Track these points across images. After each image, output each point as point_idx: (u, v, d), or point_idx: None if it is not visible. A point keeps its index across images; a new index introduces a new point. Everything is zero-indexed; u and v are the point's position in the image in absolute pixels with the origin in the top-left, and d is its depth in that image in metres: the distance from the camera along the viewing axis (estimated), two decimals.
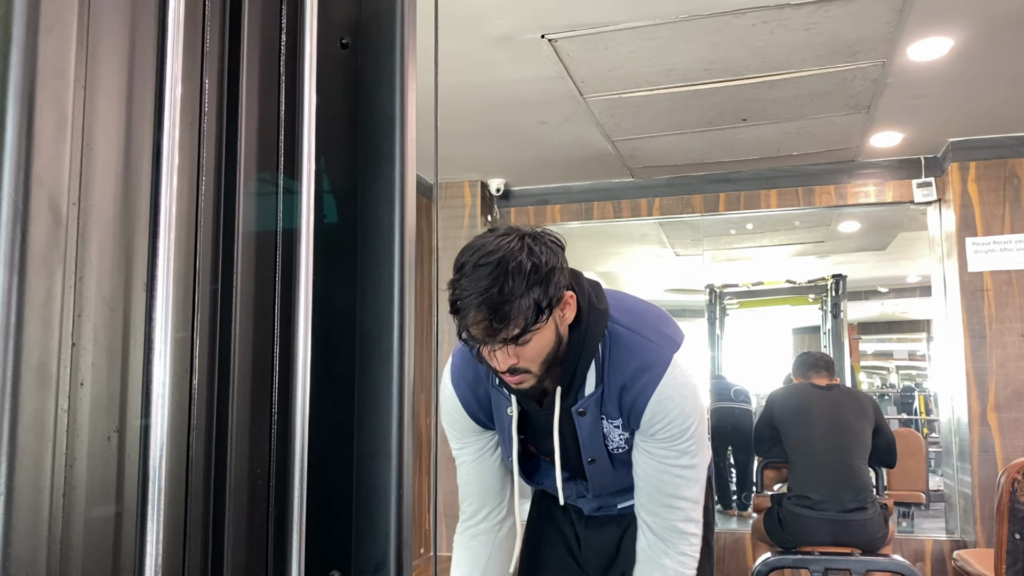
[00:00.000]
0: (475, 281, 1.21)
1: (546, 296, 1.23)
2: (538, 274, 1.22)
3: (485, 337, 1.23)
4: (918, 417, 9.93)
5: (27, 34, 0.47)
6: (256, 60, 0.83)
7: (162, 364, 0.62)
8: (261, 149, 0.83)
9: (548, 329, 1.27)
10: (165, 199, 0.63)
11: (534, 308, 1.21)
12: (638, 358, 1.34)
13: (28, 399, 0.46)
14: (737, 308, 9.12)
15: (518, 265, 1.21)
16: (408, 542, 0.85)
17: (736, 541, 4.55)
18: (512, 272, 1.20)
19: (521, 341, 1.24)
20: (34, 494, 0.46)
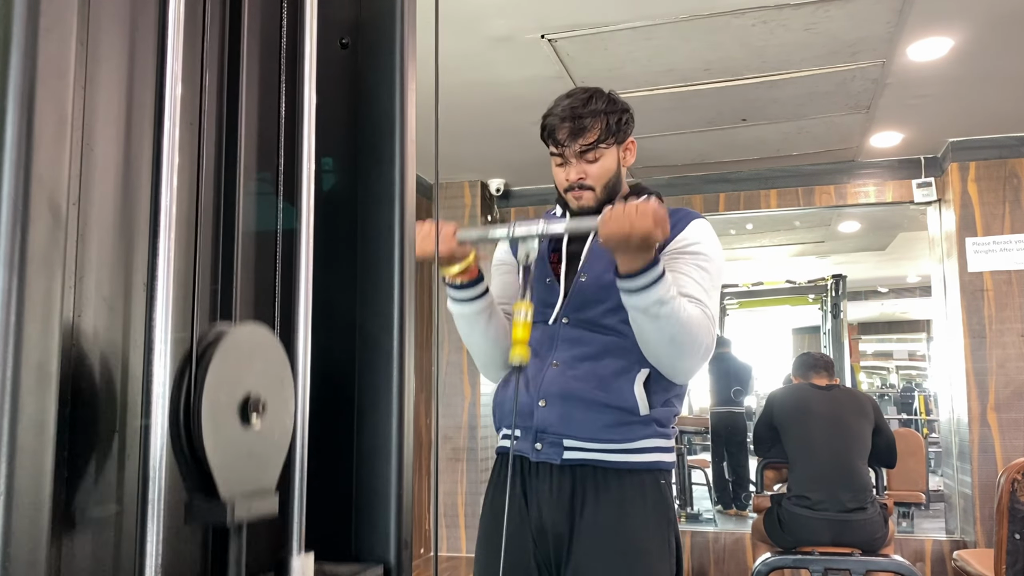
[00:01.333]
0: (567, 98, 1.58)
1: (618, 124, 1.57)
2: (615, 106, 1.58)
3: (567, 140, 1.54)
4: (918, 417, 9.94)
5: (27, 34, 0.47)
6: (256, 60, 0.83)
7: (162, 364, 0.62)
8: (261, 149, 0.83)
9: (612, 157, 1.58)
10: (165, 199, 0.63)
11: (607, 126, 1.55)
12: (683, 210, 1.62)
13: (28, 399, 0.46)
14: (737, 308, 9.13)
15: (601, 94, 1.58)
16: (408, 542, 0.85)
17: (736, 541, 4.55)
18: (596, 97, 1.57)
19: (592, 157, 1.55)
20: (34, 494, 0.46)
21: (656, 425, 1.51)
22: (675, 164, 4.63)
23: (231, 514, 0.65)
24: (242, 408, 0.68)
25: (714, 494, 6.54)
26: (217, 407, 0.65)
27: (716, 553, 4.55)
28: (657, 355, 1.48)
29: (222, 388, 0.66)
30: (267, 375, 0.72)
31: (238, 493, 0.66)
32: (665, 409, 1.53)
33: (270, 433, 0.71)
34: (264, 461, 0.70)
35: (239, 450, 0.67)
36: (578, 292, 1.57)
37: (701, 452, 8.59)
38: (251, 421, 0.68)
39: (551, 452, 1.52)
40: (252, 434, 0.69)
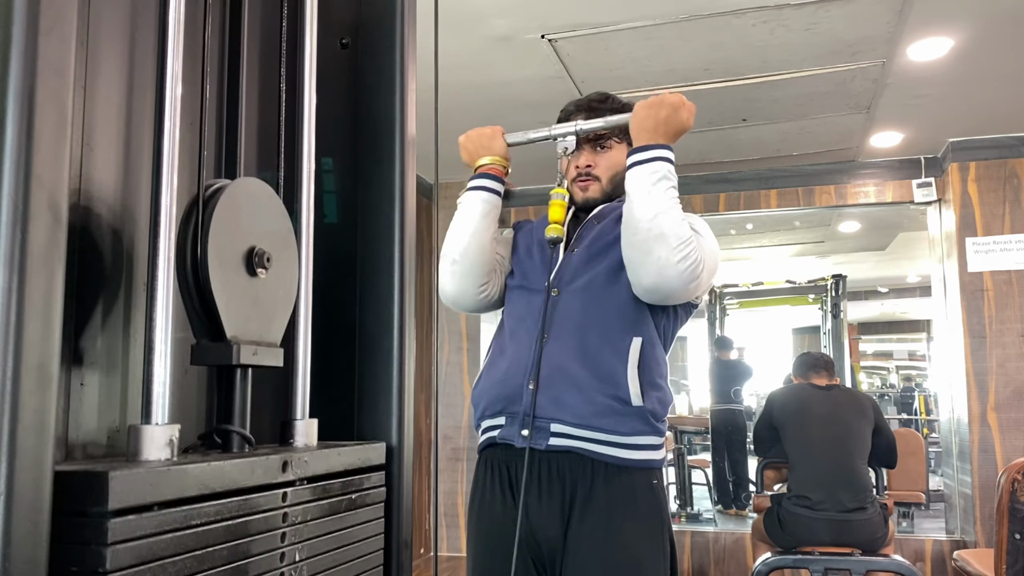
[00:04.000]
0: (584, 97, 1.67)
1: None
2: (629, 107, 1.58)
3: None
4: (918, 417, 9.94)
5: (27, 34, 0.47)
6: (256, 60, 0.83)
7: (162, 364, 0.62)
8: (261, 149, 0.83)
9: (621, 153, 1.60)
10: (165, 199, 0.63)
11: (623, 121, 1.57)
12: None
13: (28, 399, 0.46)
14: (737, 308, 9.12)
15: (616, 97, 1.67)
16: (408, 542, 0.85)
17: (736, 541, 4.55)
18: (612, 97, 1.66)
19: (603, 145, 1.61)
20: (34, 494, 0.46)
21: (650, 418, 1.46)
22: (675, 164, 4.64)
23: (237, 355, 0.66)
24: (247, 259, 0.69)
25: (714, 494, 6.54)
26: (223, 254, 0.66)
27: (716, 553, 4.55)
28: (636, 231, 1.43)
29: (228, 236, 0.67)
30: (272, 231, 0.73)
31: (244, 338, 0.67)
32: (657, 396, 1.48)
33: (275, 287, 0.72)
34: (270, 313, 0.71)
35: (245, 297, 0.68)
36: (567, 263, 1.57)
37: (701, 452, 8.59)
38: (257, 273, 0.69)
39: (537, 437, 1.47)
40: (258, 284, 0.70)
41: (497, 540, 1.49)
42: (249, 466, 0.62)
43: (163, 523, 0.53)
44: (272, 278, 0.71)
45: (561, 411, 1.46)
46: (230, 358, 0.66)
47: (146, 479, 0.52)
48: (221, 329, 0.65)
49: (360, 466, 0.78)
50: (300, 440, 0.75)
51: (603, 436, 1.45)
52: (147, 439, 0.58)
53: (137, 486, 0.51)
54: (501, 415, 1.53)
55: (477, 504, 1.57)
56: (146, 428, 0.59)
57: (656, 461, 1.50)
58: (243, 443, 0.68)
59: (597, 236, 1.59)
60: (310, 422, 0.77)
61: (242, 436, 0.68)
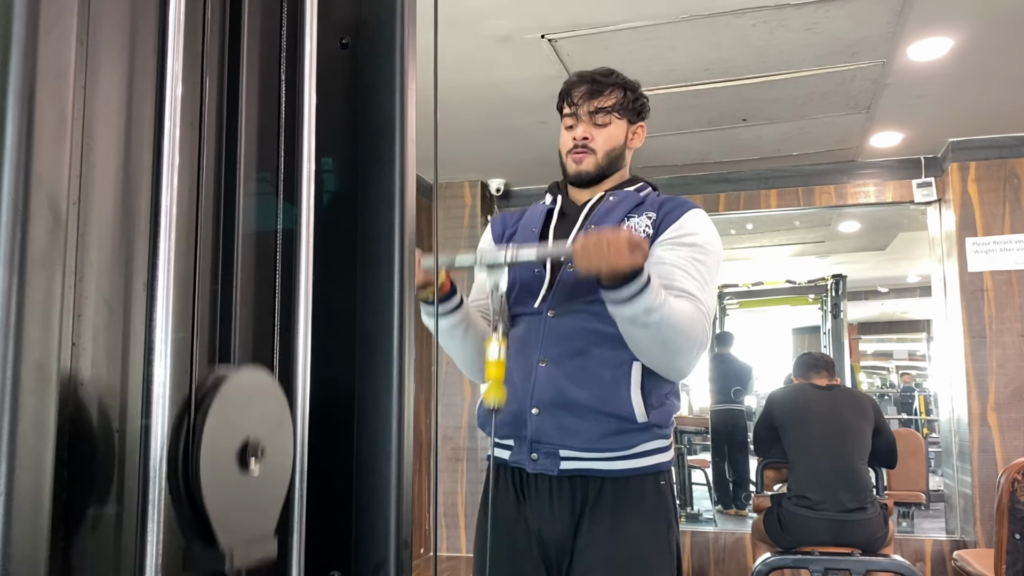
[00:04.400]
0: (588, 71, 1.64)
1: (634, 102, 1.62)
2: (633, 85, 1.63)
3: (581, 99, 1.58)
4: (918, 417, 9.94)
5: (27, 34, 0.47)
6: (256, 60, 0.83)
7: (162, 364, 0.62)
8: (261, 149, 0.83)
9: (621, 130, 1.61)
10: (165, 199, 0.63)
11: (623, 98, 1.60)
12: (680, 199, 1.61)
13: (28, 399, 0.46)
14: (737, 308, 9.12)
15: (622, 75, 1.64)
16: (408, 542, 0.85)
17: (736, 541, 4.55)
18: (617, 73, 1.64)
19: (602, 120, 1.58)
20: (34, 494, 0.46)
21: (655, 429, 1.48)
22: (675, 164, 4.63)
23: (230, 562, 0.65)
24: (240, 454, 0.67)
25: (714, 494, 6.54)
26: (216, 454, 0.65)
27: (716, 553, 4.55)
28: (649, 358, 1.44)
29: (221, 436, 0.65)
30: (266, 419, 0.71)
31: (237, 540, 0.66)
32: (662, 410, 1.49)
33: (269, 477, 0.71)
34: (263, 506, 0.70)
35: (238, 497, 0.67)
36: (564, 282, 1.52)
37: (701, 452, 8.59)
38: (250, 467, 0.68)
39: (548, 463, 1.47)
40: (251, 480, 0.68)
41: (507, 537, 1.50)
42: None
43: None
44: (265, 467, 0.70)
45: (567, 438, 1.46)
46: (222, 566, 0.65)
47: None
48: (213, 536, 0.64)
49: None
50: None
51: (611, 454, 1.46)
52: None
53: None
54: (509, 438, 1.54)
55: (489, 504, 1.58)
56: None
57: (664, 464, 1.51)
58: None
59: None
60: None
61: None
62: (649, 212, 1.55)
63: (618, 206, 1.57)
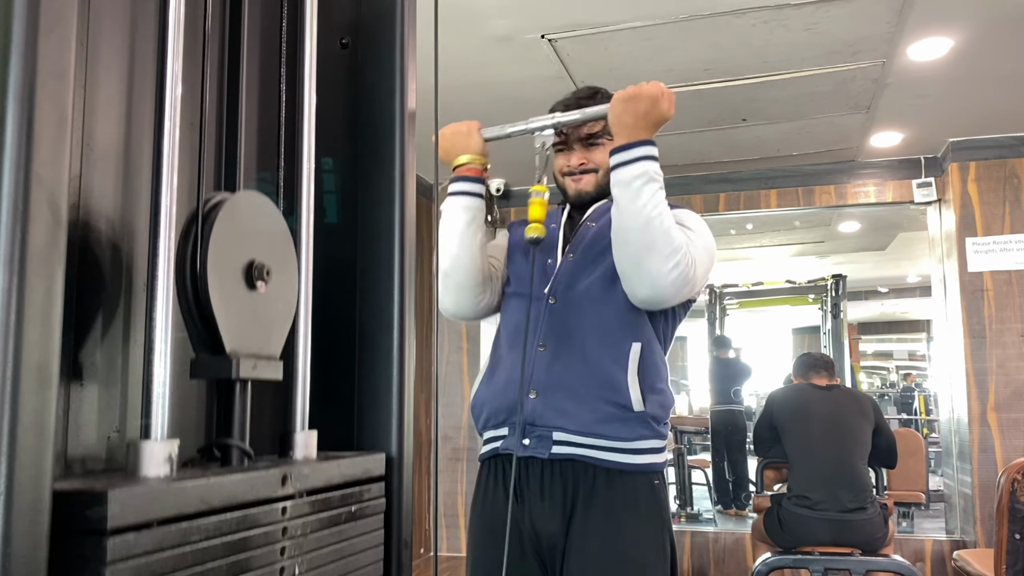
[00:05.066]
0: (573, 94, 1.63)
1: None
2: None
3: (570, 129, 1.57)
4: (918, 417, 9.94)
5: (27, 34, 0.47)
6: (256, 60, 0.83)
7: (162, 364, 0.62)
8: (261, 149, 0.83)
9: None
10: (165, 199, 0.63)
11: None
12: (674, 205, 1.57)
13: (28, 399, 0.46)
14: (737, 308, 9.12)
15: (605, 91, 1.60)
16: (408, 542, 0.85)
17: (736, 541, 4.55)
18: (602, 93, 1.60)
19: (595, 143, 1.58)
20: (34, 494, 0.46)
21: (651, 422, 1.47)
22: (675, 164, 4.63)
23: (236, 369, 0.66)
24: (247, 272, 0.68)
25: (714, 494, 6.54)
26: (223, 268, 0.66)
27: (716, 553, 4.55)
28: (627, 242, 1.41)
29: (227, 250, 0.66)
30: (271, 245, 0.72)
31: (243, 351, 0.67)
32: (659, 399, 1.48)
33: (275, 300, 0.72)
34: (269, 326, 0.71)
35: (244, 311, 0.68)
36: (564, 269, 1.55)
37: (701, 452, 8.59)
38: (256, 286, 0.69)
39: (539, 446, 1.47)
40: (257, 298, 0.69)
41: (497, 537, 1.50)
42: (248, 481, 0.62)
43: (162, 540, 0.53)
44: (271, 291, 0.71)
45: (563, 419, 1.45)
46: (229, 372, 0.66)
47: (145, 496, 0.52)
48: (220, 343, 0.65)
49: (360, 477, 0.78)
50: (299, 452, 0.75)
51: (605, 443, 1.45)
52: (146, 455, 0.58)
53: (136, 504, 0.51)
54: (503, 426, 1.53)
55: (480, 505, 1.58)
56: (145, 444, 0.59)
57: (658, 464, 1.50)
58: (242, 456, 0.68)
59: (593, 240, 1.57)
60: (310, 433, 0.77)
61: (241, 450, 0.68)
62: None
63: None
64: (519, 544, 1.49)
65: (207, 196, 0.68)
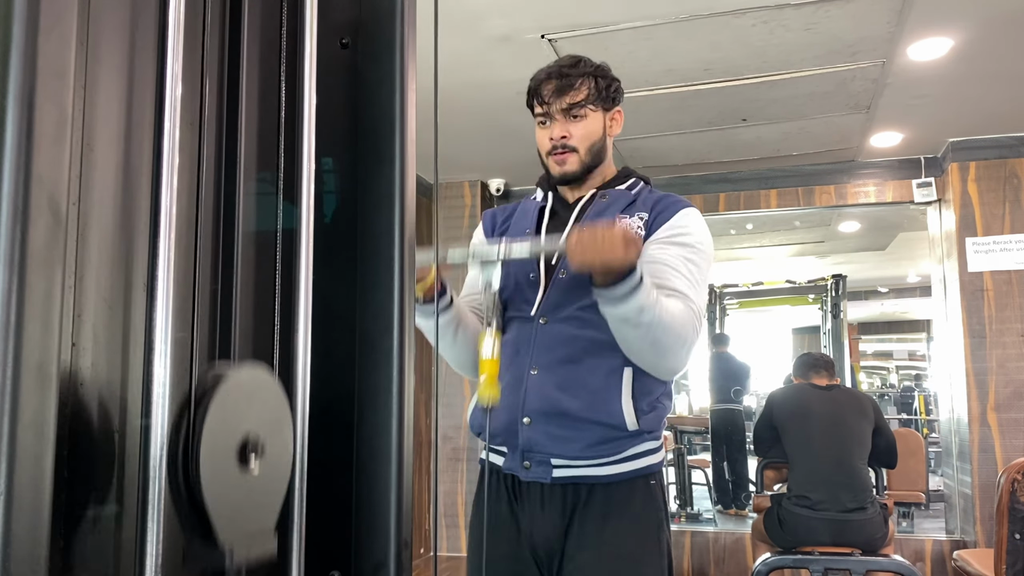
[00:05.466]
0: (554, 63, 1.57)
1: (606, 88, 1.55)
2: (603, 71, 1.56)
3: (552, 97, 1.52)
4: (918, 417, 9.94)
5: (27, 34, 0.47)
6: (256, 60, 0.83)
7: (162, 364, 0.62)
8: (261, 149, 0.83)
9: (598, 121, 1.55)
10: (165, 199, 0.63)
11: (595, 86, 1.52)
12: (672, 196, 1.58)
13: (28, 399, 0.46)
14: (737, 308, 9.12)
15: (589, 60, 1.56)
16: (408, 542, 0.85)
17: (736, 541, 4.55)
18: (584, 60, 1.55)
19: (577, 113, 1.51)
20: (34, 494, 0.46)
21: (646, 435, 1.47)
22: (675, 164, 4.63)
23: (230, 559, 0.65)
24: (240, 451, 0.68)
25: (714, 494, 6.54)
26: (215, 451, 0.65)
27: (716, 553, 4.55)
28: (639, 358, 1.43)
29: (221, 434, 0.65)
30: (266, 415, 0.71)
31: (237, 537, 0.66)
32: (653, 415, 1.48)
33: (269, 475, 0.71)
34: (263, 503, 0.70)
35: (238, 494, 0.67)
36: (556, 288, 1.51)
37: (701, 452, 8.59)
38: (250, 464, 0.68)
39: (540, 471, 1.47)
40: (251, 477, 0.68)
41: (498, 536, 1.50)
42: None
43: None
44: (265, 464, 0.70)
45: (559, 447, 1.45)
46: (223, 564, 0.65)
47: None
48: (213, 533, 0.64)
49: None
50: None
51: (602, 460, 1.46)
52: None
53: None
54: (503, 446, 1.53)
55: (481, 504, 1.58)
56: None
57: (655, 464, 1.50)
58: None
59: None
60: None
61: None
62: (641, 212, 1.53)
63: (610, 207, 1.56)
64: (518, 544, 1.50)
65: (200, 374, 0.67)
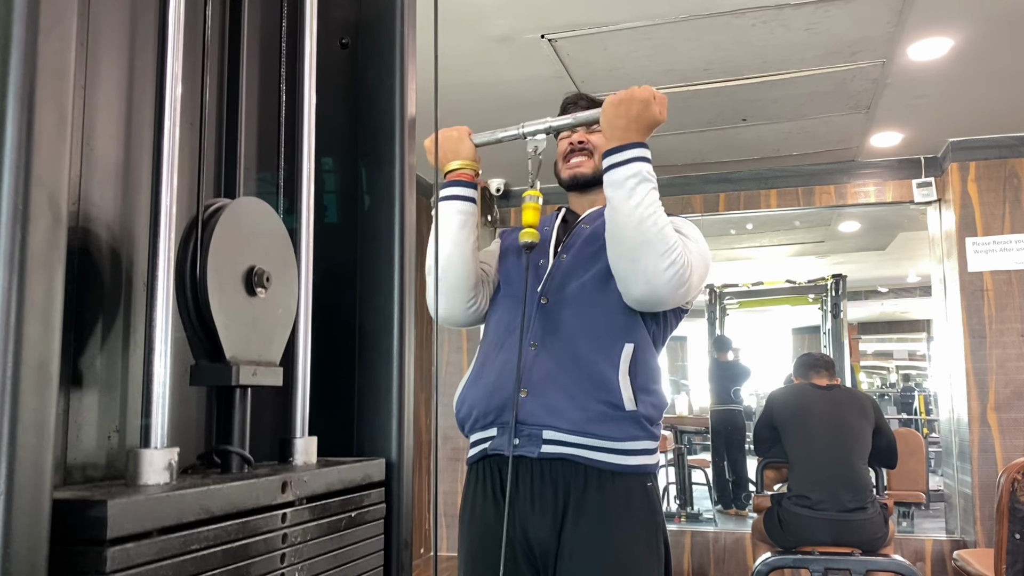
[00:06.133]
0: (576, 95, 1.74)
1: None
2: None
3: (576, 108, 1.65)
4: (918, 417, 9.94)
5: (27, 34, 0.47)
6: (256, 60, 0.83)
7: (162, 364, 0.62)
8: (261, 149, 0.83)
9: None
10: (165, 199, 0.63)
11: None
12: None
13: (28, 399, 0.46)
14: (737, 308, 9.12)
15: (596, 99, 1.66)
16: (408, 542, 0.84)
17: (736, 541, 4.55)
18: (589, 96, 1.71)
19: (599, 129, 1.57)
20: (34, 494, 0.46)
21: (643, 422, 1.45)
22: (675, 164, 4.63)
23: (236, 376, 0.66)
24: (247, 279, 0.68)
25: (714, 494, 6.54)
26: (223, 275, 0.66)
27: (716, 553, 4.55)
28: (621, 240, 1.41)
29: (227, 257, 0.66)
30: (271, 250, 0.72)
31: (243, 358, 0.67)
32: (652, 400, 1.46)
33: (274, 306, 0.71)
34: (269, 332, 0.71)
35: (244, 317, 0.67)
36: (557, 270, 1.55)
37: (701, 452, 8.59)
38: (256, 292, 0.69)
39: (528, 445, 1.44)
40: (257, 304, 0.69)
41: (488, 543, 1.49)
42: (249, 488, 0.61)
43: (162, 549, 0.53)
44: (271, 297, 0.71)
45: (553, 418, 1.44)
46: (229, 379, 0.66)
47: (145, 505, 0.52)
48: (220, 350, 0.65)
49: (360, 483, 0.78)
50: (299, 458, 0.74)
51: (596, 442, 1.43)
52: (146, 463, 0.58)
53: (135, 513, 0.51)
54: (492, 426, 1.51)
55: (468, 511, 1.56)
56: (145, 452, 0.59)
57: (650, 465, 1.48)
58: (242, 463, 0.68)
59: (586, 241, 1.57)
60: (310, 440, 0.77)
61: (241, 456, 0.68)
62: None
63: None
64: (511, 550, 1.47)
65: (207, 202, 0.68)
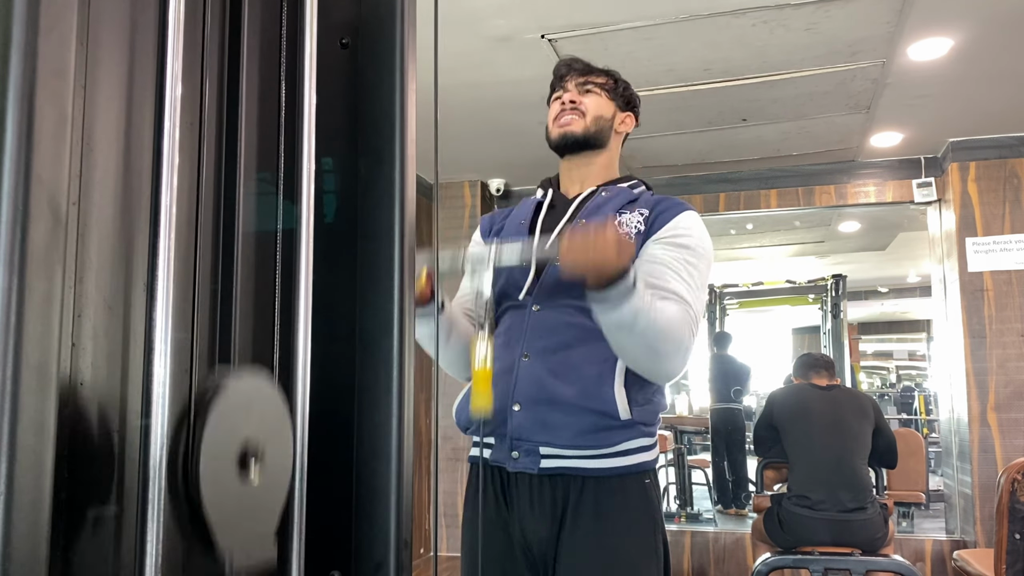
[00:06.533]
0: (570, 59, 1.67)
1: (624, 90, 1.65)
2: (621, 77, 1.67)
3: (571, 76, 1.62)
4: (918, 417, 9.94)
5: (27, 34, 0.47)
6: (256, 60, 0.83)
7: (162, 364, 0.62)
8: (261, 149, 0.83)
9: (609, 107, 1.62)
10: (165, 199, 0.63)
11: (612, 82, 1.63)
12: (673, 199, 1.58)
13: (28, 399, 0.46)
14: (737, 308, 9.12)
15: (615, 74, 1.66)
16: (408, 542, 0.85)
17: (736, 541, 4.55)
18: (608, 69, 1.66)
19: (590, 89, 1.60)
20: (34, 494, 0.46)
21: (640, 426, 1.44)
22: (675, 164, 4.63)
23: (229, 566, 0.65)
24: (240, 458, 0.67)
25: (714, 494, 6.54)
26: (215, 459, 0.64)
27: (716, 553, 4.55)
28: (635, 363, 1.40)
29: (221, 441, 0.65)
30: (265, 423, 0.71)
31: (237, 543, 0.66)
32: (647, 408, 1.45)
33: (269, 480, 0.71)
34: (263, 508, 0.70)
35: (237, 501, 0.67)
36: (550, 276, 1.49)
37: (701, 452, 8.59)
38: (249, 470, 0.68)
39: (528, 461, 1.44)
40: (250, 483, 0.68)
41: (490, 538, 1.49)
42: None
43: None
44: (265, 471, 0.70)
45: (548, 434, 1.42)
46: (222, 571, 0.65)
47: None
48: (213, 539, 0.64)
49: None
50: None
51: (592, 452, 1.42)
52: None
53: None
54: (490, 436, 1.51)
55: (471, 506, 1.57)
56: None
57: (648, 463, 1.47)
58: None
59: None
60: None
61: None
62: (642, 209, 1.52)
63: (609, 201, 1.54)
64: (510, 548, 1.48)
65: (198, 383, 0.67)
